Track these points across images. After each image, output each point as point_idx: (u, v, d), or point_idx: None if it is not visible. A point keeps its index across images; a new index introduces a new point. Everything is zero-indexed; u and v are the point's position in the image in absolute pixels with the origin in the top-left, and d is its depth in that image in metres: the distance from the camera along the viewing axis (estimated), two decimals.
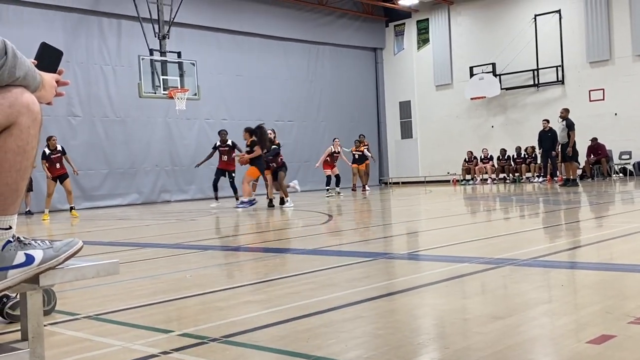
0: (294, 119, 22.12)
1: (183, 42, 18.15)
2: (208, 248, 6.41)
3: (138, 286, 4.16)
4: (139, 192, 18.21)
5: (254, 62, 20.83)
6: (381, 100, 25.04)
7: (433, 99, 23.80)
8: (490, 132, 22.58)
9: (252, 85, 20.74)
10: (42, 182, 16.10)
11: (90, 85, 17.24)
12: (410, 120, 24.49)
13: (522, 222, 8.05)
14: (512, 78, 21.92)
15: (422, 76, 24.09)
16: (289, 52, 21.96)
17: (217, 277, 4.52)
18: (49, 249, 2.01)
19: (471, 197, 14.13)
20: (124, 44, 17.78)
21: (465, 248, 5.34)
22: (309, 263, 4.98)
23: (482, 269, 4.11)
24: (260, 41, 21.06)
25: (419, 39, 24.17)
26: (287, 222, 9.62)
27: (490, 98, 22.18)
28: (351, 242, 6.28)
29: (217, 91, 19.63)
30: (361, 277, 4.08)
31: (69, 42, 16.75)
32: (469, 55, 22.72)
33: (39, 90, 1.99)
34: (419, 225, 8.32)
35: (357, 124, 23.91)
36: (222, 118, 20.02)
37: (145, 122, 18.25)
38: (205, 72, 18.58)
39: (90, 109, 17.25)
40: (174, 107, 16.29)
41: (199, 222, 10.39)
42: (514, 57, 21.54)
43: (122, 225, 10.82)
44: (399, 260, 4.84)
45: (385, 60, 25.08)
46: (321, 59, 23.04)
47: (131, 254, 6.15)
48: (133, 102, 17.28)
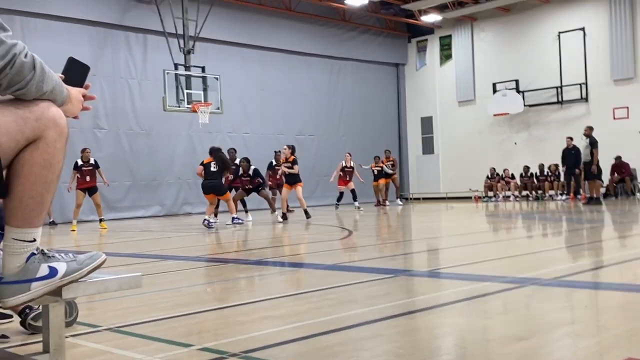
0: (315, 133, 22.16)
1: (207, 57, 18.32)
2: (229, 261, 6.41)
3: (160, 298, 4.17)
4: (162, 204, 18.32)
5: (277, 76, 20.95)
6: (403, 115, 24.99)
7: (455, 114, 23.70)
8: (513, 149, 22.39)
9: (274, 100, 20.84)
10: (64, 194, 16.30)
11: (116, 98, 17.45)
12: (432, 135, 24.39)
13: (544, 241, 7.94)
14: (535, 95, 21.75)
15: (444, 92, 24.02)
16: (311, 67, 22.05)
17: (238, 290, 4.52)
18: (72, 262, 2.03)
19: (493, 215, 13.99)
20: (149, 58, 17.99)
21: (487, 266, 5.27)
22: (329, 278, 4.95)
23: (504, 288, 4.06)
24: (283, 56, 21.18)
25: (442, 54, 24.13)
26: (308, 237, 9.60)
27: (513, 115, 22.02)
28: (371, 258, 6.24)
29: (240, 105, 19.75)
30: (381, 294, 4.05)
31: (96, 56, 17.00)
32: (492, 71, 22.62)
33: (66, 104, 2.01)
34: (440, 242, 8.24)
35: (378, 139, 23.87)
36: (244, 132, 20.12)
37: (168, 135, 18.41)
38: (229, 86, 18.71)
39: (115, 121, 17.45)
40: (197, 121, 16.41)
41: (220, 235, 10.41)
42: (538, 74, 21.39)
43: (144, 237, 10.88)
44: (419, 278, 4.79)
45: (407, 76, 25.06)
46: (343, 74, 23.09)
47: (153, 266, 6.18)
48: (157, 115, 17.45)
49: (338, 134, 22.79)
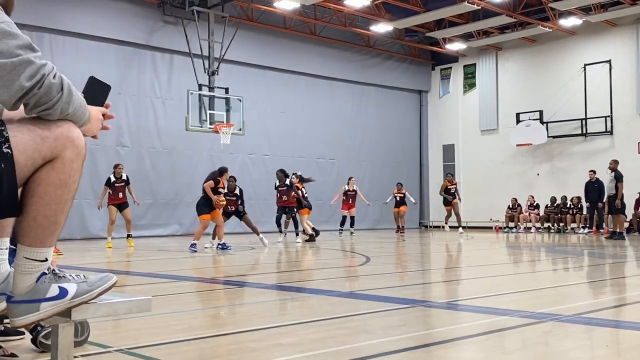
0: (336, 157, 22.17)
1: (231, 78, 18.49)
2: (244, 284, 6.38)
3: (173, 321, 4.15)
4: (180, 224, 18.38)
5: (299, 99, 21.06)
6: (424, 142, 24.93)
7: (478, 143, 23.59)
8: (536, 180, 22.18)
9: (296, 122, 20.93)
10: (86, 210, 16.43)
11: (139, 117, 17.64)
12: (454, 163, 24.26)
13: (566, 275, 7.80)
14: (559, 126, 21.59)
15: (467, 120, 23.94)
16: (334, 91, 22.14)
17: (251, 316, 4.47)
18: (83, 283, 2.01)
19: (514, 246, 13.81)
20: (174, 78, 18.20)
21: (507, 300, 5.18)
22: (344, 306, 4.90)
23: (524, 323, 3.98)
24: (306, 80, 21.31)
25: (465, 83, 24.12)
26: (324, 262, 9.53)
27: (537, 145, 21.85)
28: (388, 287, 6.17)
29: (261, 127, 19.86)
30: (397, 324, 3.98)
31: (122, 75, 17.24)
32: (515, 101, 22.53)
33: (86, 124, 2.01)
34: (459, 273, 8.13)
35: (399, 166, 23.81)
36: (264, 153, 20.19)
37: (190, 155, 18.53)
38: (251, 108, 18.83)
39: (138, 139, 17.62)
40: (219, 141, 16.52)
41: (237, 257, 10.39)
42: (562, 105, 21.25)
43: (161, 257, 10.90)
44: (437, 309, 4.72)
45: (430, 103, 25.05)
46: (366, 99, 23.15)
47: (168, 287, 6.16)
48: (180, 134, 17.59)
49: (358, 159, 22.77)
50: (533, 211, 20.77)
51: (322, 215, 20.66)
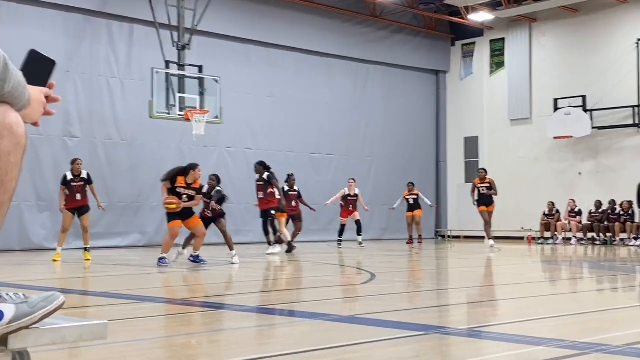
0: (334, 152, 22.17)
1: (206, 55, 18.45)
2: (221, 307, 6.38)
3: (132, 351, 4.14)
4: (142, 232, 18.33)
5: (289, 81, 21.05)
6: (442, 134, 24.97)
7: (506, 135, 23.63)
8: (577, 180, 22.23)
9: (285, 109, 20.92)
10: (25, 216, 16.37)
11: (92, 100, 17.59)
12: (477, 160, 24.29)
13: (614, 297, 7.82)
14: (606, 115, 21.64)
15: (494, 107, 23.98)
16: (332, 71, 22.14)
17: (230, 345, 4.48)
18: (23, 303, 1.99)
19: (550, 261, 13.85)
20: (135, 54, 18.15)
21: (541, 326, 5.19)
22: (344, 333, 4.89)
23: (562, 356, 3.98)
24: (297, 57, 21.30)
25: (492, 62, 24.15)
26: (320, 280, 9.54)
27: (579, 138, 21.91)
28: (397, 310, 6.18)
29: (243, 114, 19.83)
30: (409, 356, 3.99)
31: (71, 48, 17.19)
32: (553, 84, 22.57)
33: (25, 108, 1.99)
34: (484, 293, 8.15)
35: (411, 162, 23.84)
36: (247, 147, 20.16)
37: (155, 148, 18.49)
38: (230, 91, 18.80)
39: (91, 128, 17.57)
40: (191, 132, 16.49)
41: (213, 274, 10.38)
42: (610, 89, 21.30)
43: (119, 272, 10.87)
44: (456, 337, 4.72)
45: (449, 86, 25.07)
46: (371, 81, 23.16)
47: (127, 309, 6.15)
48: (142, 123, 17.55)
49: (362, 155, 22.78)
50: (574, 219, 20.82)
51: (317, 223, 20.67)
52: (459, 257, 14.90)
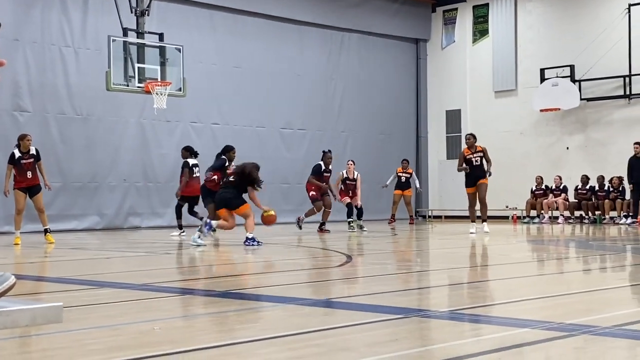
0: (307, 127, 22.14)
1: (167, 22, 18.30)
2: (186, 292, 6.38)
3: (90, 339, 4.14)
4: (100, 215, 18.23)
5: (258, 50, 20.94)
6: (422, 107, 25.02)
7: (491, 108, 23.73)
8: (565, 155, 22.43)
9: (254, 81, 20.82)
10: None
11: (44, 72, 17.38)
12: (460, 135, 24.39)
13: (602, 277, 7.93)
14: (595, 86, 21.82)
15: (477, 78, 24.05)
16: (304, 40, 22.06)
17: (196, 331, 4.48)
18: None
19: (537, 241, 14.00)
20: (90, 21, 17.94)
21: (526, 308, 5.26)
22: (317, 318, 4.92)
23: (548, 338, 4.04)
24: (267, 23, 21.17)
25: (476, 29, 24.19)
26: (294, 263, 9.56)
27: (566, 111, 22.08)
28: (375, 293, 6.22)
29: (208, 86, 19.72)
30: (386, 340, 4.02)
31: (20, 15, 16.94)
32: (540, 53, 22.68)
33: None
34: (466, 275, 8.22)
35: (390, 138, 23.88)
36: (213, 122, 20.07)
37: (112, 123, 18.35)
38: (194, 62, 18.67)
39: (42, 102, 17.37)
40: (151, 105, 16.37)
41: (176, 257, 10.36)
42: (600, 58, 21.46)
43: (75, 257, 10.81)
44: (437, 320, 4.77)
45: (429, 56, 25.08)
46: (346, 51, 23.11)
47: (85, 295, 6.13)
48: (99, 96, 17.38)
49: (337, 130, 22.79)
50: (560, 196, 21.01)
51: (288, 203, 20.68)
52: (441, 238, 15.01)
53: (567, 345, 3.90)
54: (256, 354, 3.72)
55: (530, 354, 3.71)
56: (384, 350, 3.73)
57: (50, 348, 3.87)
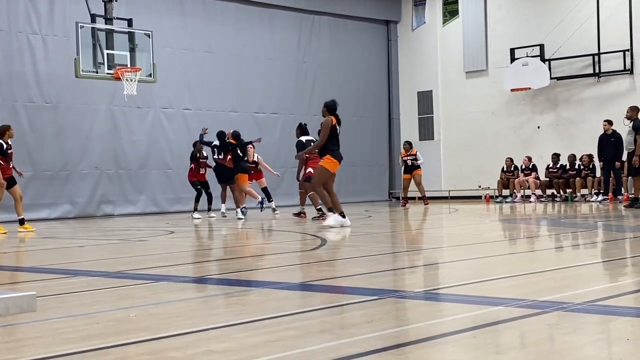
0: (279, 110, 22.10)
1: (135, 7, 18.14)
2: (160, 279, 6.37)
3: (66, 327, 4.12)
4: (72, 203, 18.11)
5: (229, 35, 20.83)
6: (394, 89, 25.06)
7: (462, 89, 23.83)
8: (536, 134, 22.61)
9: (226, 66, 20.72)
10: None
11: (11, 60, 17.19)
12: (432, 116, 24.49)
13: (575, 254, 8.02)
14: (565, 65, 21.97)
15: (448, 59, 24.12)
16: (274, 23, 21.96)
17: (172, 317, 4.48)
18: None
19: (509, 219, 14.12)
20: (57, 8, 17.73)
21: (500, 286, 5.31)
22: (293, 301, 4.94)
23: (522, 315, 4.08)
24: (237, 7, 21.06)
25: (446, 10, 24.22)
26: (266, 247, 9.57)
27: (537, 90, 22.23)
28: (349, 275, 6.24)
29: (179, 71, 19.61)
30: (362, 321, 4.05)
31: None
32: (510, 33, 22.77)
33: None
34: (440, 255, 8.28)
35: (362, 120, 23.90)
36: (185, 107, 19.97)
37: (82, 110, 18.20)
38: (164, 47, 18.55)
39: (10, 91, 17.19)
40: (122, 92, 16.27)
41: (150, 244, 10.33)
42: (569, 37, 21.60)
43: (48, 246, 10.75)
44: (412, 301, 4.81)
45: (400, 38, 25.08)
46: (317, 34, 23.05)
47: (59, 284, 6.10)
48: (68, 83, 17.24)
49: (309, 113, 22.72)
50: (530, 175, 21.18)
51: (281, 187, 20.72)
52: (414, 219, 15.09)
53: (541, 322, 3.94)
54: (233, 338, 3.72)
55: (504, 332, 3.75)
56: (360, 331, 3.75)
57: (26, 338, 3.86)
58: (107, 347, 3.57)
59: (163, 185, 19.48)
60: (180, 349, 3.52)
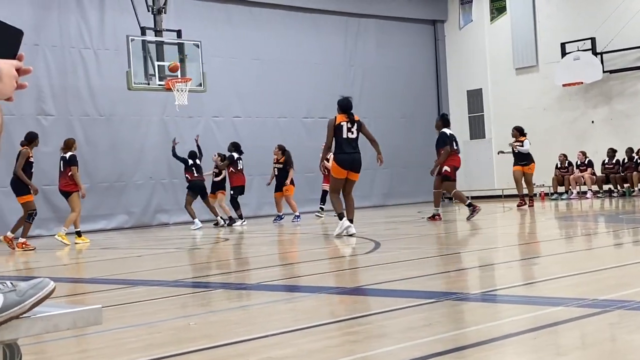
0: (328, 114, 22.02)
1: (184, 18, 18.33)
2: (218, 286, 6.43)
3: (129, 337, 4.19)
4: (128, 213, 18.37)
5: (276, 42, 20.92)
6: (443, 88, 24.91)
7: (512, 86, 23.59)
8: (590, 129, 22.26)
9: (274, 72, 20.82)
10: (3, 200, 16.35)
11: (65, 74, 17.49)
12: (482, 114, 24.28)
13: (634, 251, 7.88)
14: (618, 57, 21.58)
15: (497, 56, 23.90)
16: (321, 28, 22.01)
17: (231, 325, 4.53)
18: (11, 292, 2.02)
19: (565, 217, 13.94)
20: (108, 22, 18.02)
21: (559, 286, 5.25)
22: (350, 306, 4.95)
23: (583, 315, 4.04)
24: (283, 14, 21.15)
25: (493, 7, 24.02)
26: (320, 252, 9.59)
27: (589, 84, 21.89)
28: (406, 278, 6.23)
29: (228, 80, 19.76)
30: (420, 324, 4.04)
31: (39, 19, 17.05)
32: (560, 28, 22.48)
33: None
34: (496, 255, 8.21)
35: (411, 121, 23.78)
36: (234, 115, 20.12)
37: (136, 122, 18.45)
38: (213, 56, 18.71)
39: (65, 105, 17.50)
40: (173, 102, 16.45)
41: (206, 252, 10.43)
42: (621, 29, 21.23)
43: (106, 257, 10.92)
44: (470, 303, 4.78)
45: (448, 37, 24.94)
46: (364, 37, 23.03)
47: (119, 295, 6.19)
48: (120, 96, 17.48)
49: (359, 115, 22.44)
50: (585, 171, 20.84)
51: (313, 192, 20.72)
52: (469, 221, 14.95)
53: (602, 321, 3.89)
54: (292, 344, 3.75)
55: (565, 332, 3.71)
56: (418, 335, 3.74)
57: (91, 348, 3.93)
58: (169, 355, 3.63)
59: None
60: (240, 356, 3.55)
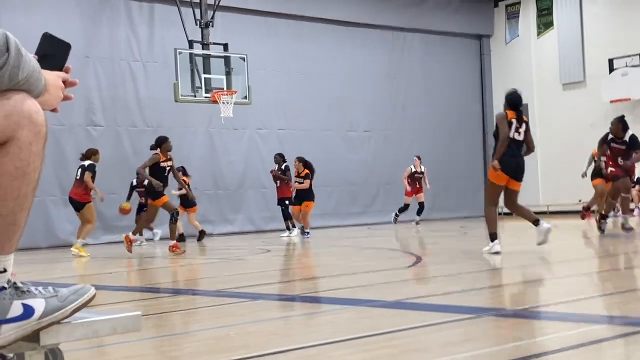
0: (371, 128, 22.11)
1: (231, 32, 18.50)
2: (258, 297, 6.44)
3: (169, 346, 4.22)
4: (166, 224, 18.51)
5: (320, 55, 21.00)
6: (488, 103, 24.73)
7: (559, 101, 23.34)
8: None
9: (318, 86, 20.89)
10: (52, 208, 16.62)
11: (115, 86, 17.78)
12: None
13: None
14: None
15: (543, 72, 23.69)
16: (365, 42, 22.03)
17: (269, 335, 4.53)
18: (53, 297, 2.05)
19: (612, 234, 13.70)
20: (157, 34, 18.28)
21: (604, 303, 5.19)
22: (389, 319, 4.92)
23: (628, 332, 3.98)
24: (327, 28, 21.22)
25: (540, 22, 23.84)
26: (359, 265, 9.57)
27: (637, 100, 21.57)
28: (446, 293, 6.18)
29: (273, 93, 19.87)
30: (460, 339, 4.01)
31: (88, 32, 17.35)
32: (607, 43, 22.21)
33: (43, 94, 2.04)
34: (539, 271, 8.11)
35: (456, 136, 23.66)
36: (279, 127, 20.23)
37: (182, 133, 18.64)
38: (259, 69, 18.84)
39: (114, 116, 17.77)
40: (219, 114, 16.60)
41: (248, 263, 10.47)
42: None
43: (147, 266, 11.03)
44: (510, 319, 4.72)
45: (493, 52, 24.80)
46: (408, 51, 23.00)
47: (159, 303, 6.24)
48: (168, 107, 17.69)
49: (402, 129, 22.70)
50: (634, 187, 20.48)
51: (355, 205, 20.70)
52: (510, 235, 14.80)
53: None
54: (330, 356, 3.74)
55: (609, 349, 3.65)
56: (457, 350, 3.71)
57: (130, 356, 3.97)
58: None
59: (259, 204, 19.73)
60: None
